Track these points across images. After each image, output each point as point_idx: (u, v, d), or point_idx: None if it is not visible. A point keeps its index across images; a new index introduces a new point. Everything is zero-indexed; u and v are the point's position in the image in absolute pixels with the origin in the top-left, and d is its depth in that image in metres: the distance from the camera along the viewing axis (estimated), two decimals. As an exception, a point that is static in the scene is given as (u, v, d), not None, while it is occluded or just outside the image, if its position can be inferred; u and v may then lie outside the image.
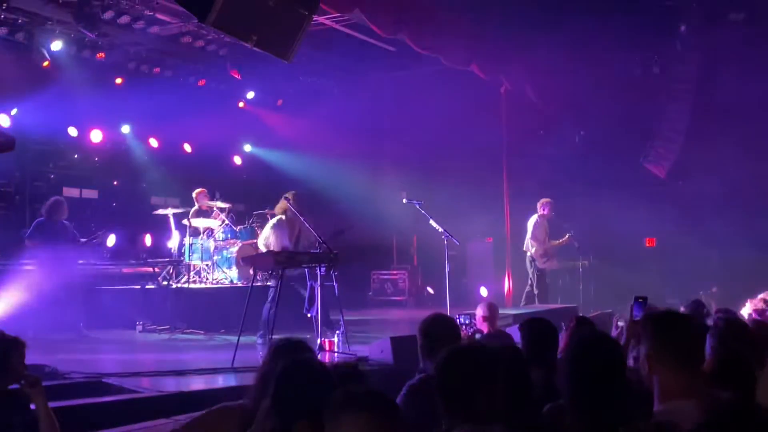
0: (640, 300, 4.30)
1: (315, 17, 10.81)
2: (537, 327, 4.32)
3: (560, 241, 12.42)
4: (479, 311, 6.98)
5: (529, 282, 12.35)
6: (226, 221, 12.48)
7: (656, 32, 13.50)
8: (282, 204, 9.60)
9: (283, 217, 9.67)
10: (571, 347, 3.00)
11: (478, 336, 6.72)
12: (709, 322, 4.18)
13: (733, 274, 12.35)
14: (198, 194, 12.38)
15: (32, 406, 4.19)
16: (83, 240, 10.63)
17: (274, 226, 9.65)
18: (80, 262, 10.94)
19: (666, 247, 13.85)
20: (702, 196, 12.88)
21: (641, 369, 2.81)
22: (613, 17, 12.38)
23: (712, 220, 13.06)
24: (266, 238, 9.65)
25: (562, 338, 4.51)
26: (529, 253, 12.32)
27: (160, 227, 13.53)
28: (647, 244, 14.49)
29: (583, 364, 2.81)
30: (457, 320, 7.02)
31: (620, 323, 5.91)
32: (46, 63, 11.95)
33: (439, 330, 4.05)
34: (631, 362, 3.53)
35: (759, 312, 6.53)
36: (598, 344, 2.90)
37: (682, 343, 2.79)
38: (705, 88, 13.45)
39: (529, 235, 12.32)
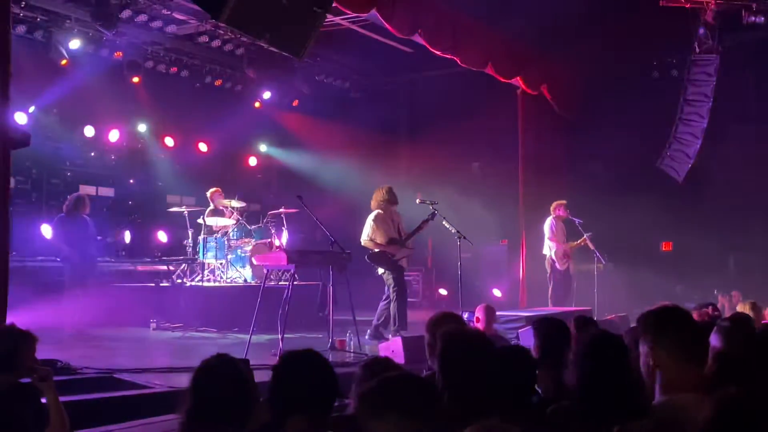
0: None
1: (331, 17, 10.89)
2: (549, 327, 4.30)
3: (578, 242, 12.33)
4: (477, 312, 7.05)
5: (551, 285, 12.26)
6: (241, 220, 12.50)
7: (675, 35, 13.39)
8: (378, 196, 9.76)
9: (381, 211, 9.75)
10: (581, 344, 2.98)
11: None
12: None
13: (750, 279, 12.21)
14: (213, 194, 12.41)
15: (43, 400, 4.20)
16: (99, 238, 10.70)
17: (376, 221, 9.70)
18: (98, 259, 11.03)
19: (682, 252, 13.71)
20: (719, 200, 12.75)
21: (643, 364, 2.77)
22: (631, 19, 12.30)
23: (730, 224, 12.93)
24: (371, 234, 9.68)
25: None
26: (548, 256, 12.24)
27: (175, 225, 13.58)
28: (663, 248, 14.36)
29: (592, 359, 2.79)
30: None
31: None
32: (64, 61, 12.03)
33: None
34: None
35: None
36: (607, 341, 2.88)
37: (685, 335, 2.76)
38: (723, 91, 13.32)
39: (547, 236, 12.24)
